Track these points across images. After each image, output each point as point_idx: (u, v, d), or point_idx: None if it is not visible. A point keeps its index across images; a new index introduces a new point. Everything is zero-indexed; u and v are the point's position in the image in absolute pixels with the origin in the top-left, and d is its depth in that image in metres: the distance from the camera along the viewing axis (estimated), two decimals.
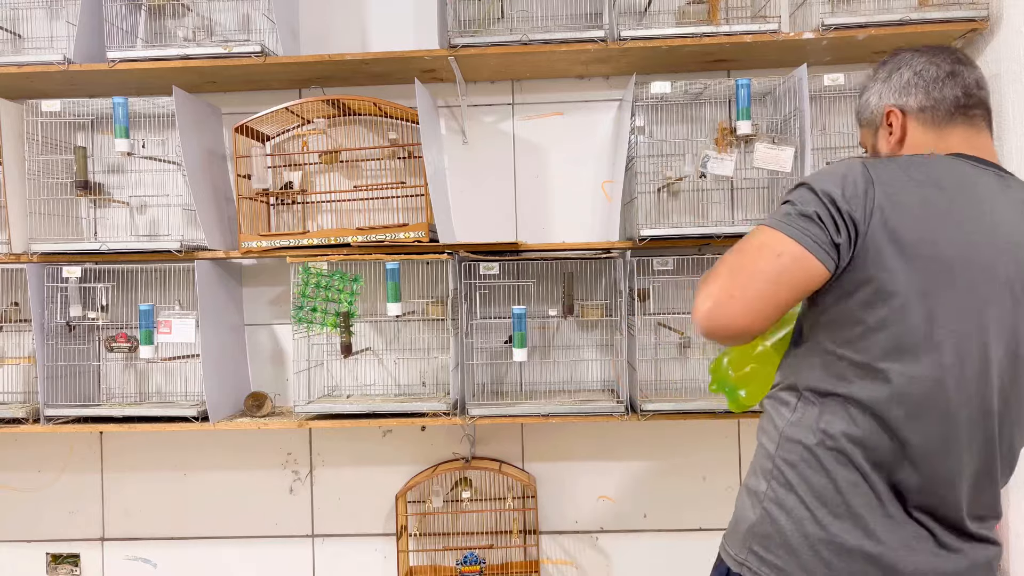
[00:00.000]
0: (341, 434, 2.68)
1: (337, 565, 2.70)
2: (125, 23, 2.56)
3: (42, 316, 2.43)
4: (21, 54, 2.59)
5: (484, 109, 2.67)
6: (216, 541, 2.72)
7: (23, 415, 2.42)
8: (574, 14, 2.50)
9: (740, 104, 2.31)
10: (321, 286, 2.40)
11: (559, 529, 2.66)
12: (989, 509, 1.23)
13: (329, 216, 2.65)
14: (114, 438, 2.73)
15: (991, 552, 1.23)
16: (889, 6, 2.39)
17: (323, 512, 2.70)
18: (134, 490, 2.73)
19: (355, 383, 2.65)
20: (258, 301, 2.71)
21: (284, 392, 2.69)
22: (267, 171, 2.59)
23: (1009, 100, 2.23)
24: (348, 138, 2.65)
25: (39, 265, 2.43)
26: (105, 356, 2.64)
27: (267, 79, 2.56)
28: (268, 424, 2.42)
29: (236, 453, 2.71)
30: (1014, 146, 2.21)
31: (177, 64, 2.39)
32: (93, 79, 2.49)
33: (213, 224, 2.47)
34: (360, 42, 2.68)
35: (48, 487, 2.74)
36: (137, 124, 2.62)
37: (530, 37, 2.34)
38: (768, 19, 2.35)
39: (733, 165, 2.33)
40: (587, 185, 2.63)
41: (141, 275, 2.57)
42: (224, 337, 2.54)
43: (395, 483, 2.66)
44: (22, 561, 2.75)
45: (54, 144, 2.58)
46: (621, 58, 2.43)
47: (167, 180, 2.66)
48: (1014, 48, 2.20)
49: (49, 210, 2.53)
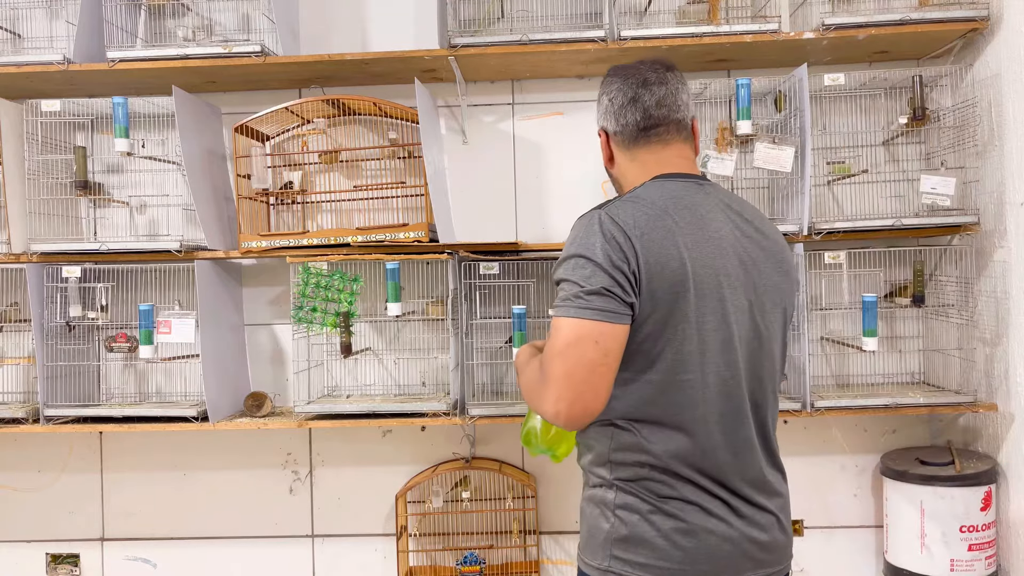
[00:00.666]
0: (341, 434, 2.68)
1: (337, 565, 2.70)
2: (125, 23, 2.55)
3: (42, 316, 2.43)
4: (21, 54, 2.59)
5: (484, 109, 2.67)
6: (216, 541, 2.72)
7: (23, 415, 2.42)
8: (574, 14, 2.49)
9: (740, 104, 2.31)
10: (321, 286, 2.39)
11: (559, 529, 2.66)
12: (772, 474, 1.42)
13: (329, 216, 2.65)
14: (114, 438, 2.73)
15: (784, 501, 1.44)
16: (889, 6, 2.39)
17: (323, 512, 2.70)
18: (134, 490, 2.72)
19: (355, 383, 2.64)
20: (258, 301, 2.71)
21: (284, 392, 2.69)
22: (267, 171, 2.59)
23: (1009, 100, 2.23)
24: (348, 138, 2.65)
25: (39, 265, 2.43)
26: (105, 356, 2.64)
27: (267, 79, 2.56)
28: (268, 424, 2.42)
29: (236, 453, 2.71)
30: (1014, 146, 2.21)
31: (177, 64, 2.38)
32: (93, 79, 2.49)
33: (213, 224, 2.47)
34: (360, 42, 2.68)
35: (48, 487, 2.74)
36: (137, 124, 2.61)
37: (530, 37, 2.33)
38: (768, 19, 2.35)
39: (733, 165, 2.33)
40: (587, 185, 2.62)
41: (141, 275, 2.57)
42: (224, 337, 2.54)
43: (395, 483, 2.66)
44: (22, 561, 2.75)
45: (54, 144, 2.57)
46: (621, 58, 2.42)
47: (167, 180, 2.66)
48: (1014, 48, 2.20)
49: (49, 210, 2.53)
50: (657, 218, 1.32)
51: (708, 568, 1.31)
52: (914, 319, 2.57)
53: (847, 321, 2.53)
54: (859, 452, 2.59)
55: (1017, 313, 2.21)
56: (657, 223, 1.31)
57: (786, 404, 2.30)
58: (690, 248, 1.31)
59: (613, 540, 1.34)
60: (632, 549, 1.32)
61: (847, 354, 2.56)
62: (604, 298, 1.25)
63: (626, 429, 1.33)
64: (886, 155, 2.56)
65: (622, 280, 1.26)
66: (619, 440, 1.34)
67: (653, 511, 1.32)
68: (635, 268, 1.27)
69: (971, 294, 2.36)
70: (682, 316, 1.29)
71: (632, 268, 1.27)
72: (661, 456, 1.31)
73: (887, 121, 2.50)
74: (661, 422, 1.32)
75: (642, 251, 1.27)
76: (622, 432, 1.34)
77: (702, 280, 1.31)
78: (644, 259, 1.27)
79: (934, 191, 2.27)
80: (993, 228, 2.31)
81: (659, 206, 1.34)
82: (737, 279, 1.34)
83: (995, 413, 2.31)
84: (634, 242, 1.28)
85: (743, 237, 1.38)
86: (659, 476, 1.32)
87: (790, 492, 1.48)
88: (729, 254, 1.35)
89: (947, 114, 2.41)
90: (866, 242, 2.44)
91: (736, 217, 1.40)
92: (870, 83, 2.44)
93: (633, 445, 1.33)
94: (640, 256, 1.27)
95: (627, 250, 1.27)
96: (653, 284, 1.27)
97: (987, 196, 2.33)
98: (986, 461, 2.31)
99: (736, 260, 1.35)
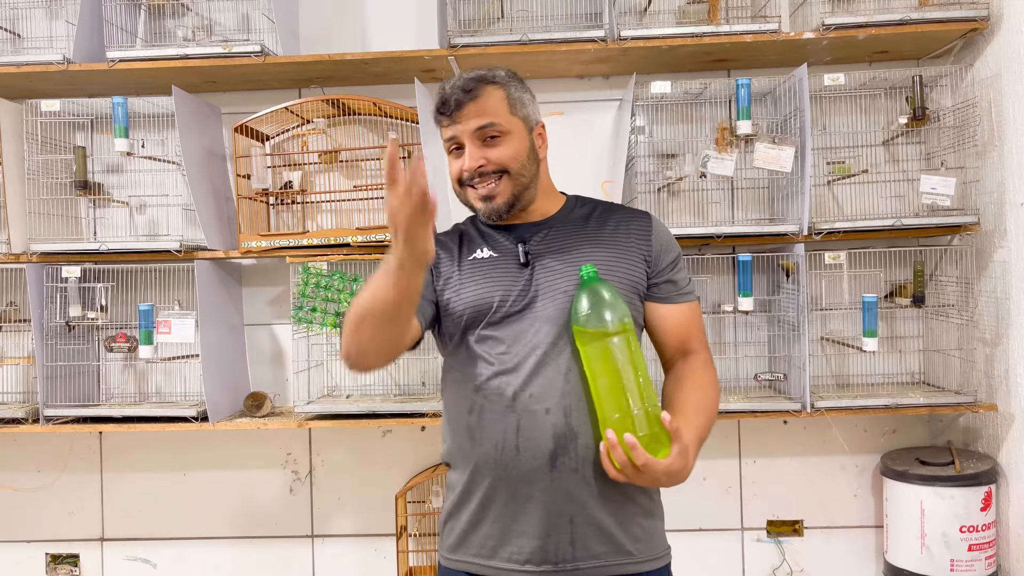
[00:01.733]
0: (341, 434, 2.68)
1: (337, 565, 2.69)
2: (125, 23, 2.55)
3: (41, 316, 2.43)
4: (21, 54, 2.59)
5: None
6: (216, 541, 2.71)
7: (23, 415, 2.42)
8: (574, 14, 2.49)
9: (740, 104, 2.31)
10: (321, 286, 2.39)
11: None
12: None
13: (329, 216, 2.65)
14: (114, 438, 2.73)
15: None
16: (889, 6, 2.39)
17: (323, 512, 2.70)
18: (134, 490, 2.72)
19: (355, 383, 2.64)
20: (258, 301, 2.70)
21: (284, 392, 2.69)
22: (267, 171, 2.58)
23: (1009, 100, 2.23)
24: (348, 138, 2.65)
25: (38, 265, 2.43)
26: (105, 356, 2.64)
27: (267, 79, 2.56)
28: (268, 424, 2.41)
29: (236, 453, 2.71)
30: (1014, 146, 2.21)
31: (177, 64, 2.38)
32: (93, 79, 2.49)
33: (213, 224, 2.47)
34: (360, 42, 2.68)
35: (48, 487, 2.74)
36: (137, 124, 2.61)
37: (530, 37, 2.33)
38: (768, 19, 2.35)
39: (733, 165, 2.33)
40: (587, 185, 2.62)
41: (141, 275, 2.57)
42: (224, 337, 2.54)
43: (395, 483, 2.66)
44: (22, 561, 2.75)
45: (54, 144, 2.57)
46: (621, 58, 2.42)
47: (167, 180, 2.66)
48: (1014, 48, 2.20)
49: (49, 210, 2.52)
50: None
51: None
52: (914, 319, 2.57)
53: (847, 321, 2.53)
54: (859, 452, 2.59)
55: (1017, 313, 2.21)
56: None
57: (786, 404, 2.29)
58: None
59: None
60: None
61: (847, 354, 2.56)
62: None
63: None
64: (886, 155, 2.56)
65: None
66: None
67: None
68: None
69: (971, 294, 2.36)
70: None
71: None
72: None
73: (887, 121, 2.50)
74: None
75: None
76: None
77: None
78: None
79: (934, 191, 2.27)
80: (993, 228, 2.31)
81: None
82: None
83: (995, 413, 2.31)
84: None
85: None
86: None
87: (791, 492, 1.49)
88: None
89: (947, 114, 2.41)
90: (866, 242, 2.44)
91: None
92: (870, 83, 2.43)
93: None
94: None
95: None
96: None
97: (987, 196, 2.33)
98: (986, 461, 2.31)
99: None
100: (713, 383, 1.42)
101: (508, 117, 1.41)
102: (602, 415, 1.27)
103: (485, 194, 1.41)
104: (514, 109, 1.43)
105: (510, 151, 1.40)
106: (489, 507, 1.36)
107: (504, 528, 1.34)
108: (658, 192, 2.56)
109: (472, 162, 1.39)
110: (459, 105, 1.39)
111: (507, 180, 1.41)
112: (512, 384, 1.33)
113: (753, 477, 2.60)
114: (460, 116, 1.39)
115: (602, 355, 1.27)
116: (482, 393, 1.35)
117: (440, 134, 1.45)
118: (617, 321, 1.28)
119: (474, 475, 1.37)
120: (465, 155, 1.40)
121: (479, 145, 1.40)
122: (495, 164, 1.40)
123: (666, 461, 1.22)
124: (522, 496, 1.33)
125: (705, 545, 2.61)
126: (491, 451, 1.33)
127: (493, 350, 1.36)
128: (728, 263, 2.55)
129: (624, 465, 1.22)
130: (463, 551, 1.39)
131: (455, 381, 1.43)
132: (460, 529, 1.40)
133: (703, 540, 2.61)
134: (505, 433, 1.32)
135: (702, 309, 1.55)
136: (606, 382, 1.26)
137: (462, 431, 1.39)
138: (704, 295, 2.52)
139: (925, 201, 2.30)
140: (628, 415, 1.24)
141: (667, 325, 1.43)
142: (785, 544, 2.60)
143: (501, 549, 1.34)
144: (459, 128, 1.40)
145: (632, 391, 1.24)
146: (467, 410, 1.37)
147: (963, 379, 2.35)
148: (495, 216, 1.43)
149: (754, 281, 2.35)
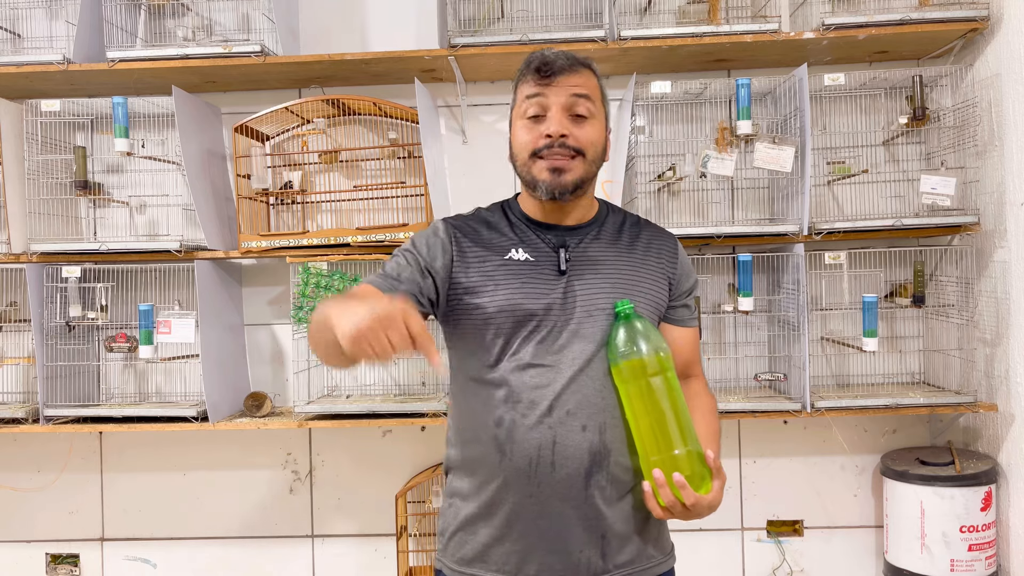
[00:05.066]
0: (341, 434, 2.68)
1: (337, 565, 2.70)
2: (125, 23, 2.55)
3: (42, 316, 2.43)
4: (21, 54, 2.59)
5: (484, 109, 2.66)
6: (216, 541, 2.71)
7: (23, 415, 2.42)
8: (574, 14, 2.49)
9: (740, 104, 2.31)
10: (321, 286, 2.39)
11: None
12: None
13: (329, 216, 2.65)
14: (114, 438, 2.73)
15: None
16: (889, 6, 2.39)
17: (323, 512, 2.70)
18: (134, 490, 2.72)
19: (355, 383, 2.64)
20: (258, 301, 2.70)
21: (284, 392, 2.69)
22: (267, 171, 2.58)
23: (1009, 100, 2.23)
24: (348, 138, 2.65)
25: (38, 265, 2.43)
26: (105, 356, 2.64)
27: (267, 79, 2.56)
28: (268, 424, 2.41)
29: (236, 453, 2.71)
30: (1014, 146, 2.21)
31: (177, 64, 2.38)
32: (93, 79, 2.49)
33: (213, 224, 2.47)
34: (360, 42, 2.68)
35: (48, 487, 2.74)
36: (137, 124, 2.61)
37: (530, 37, 2.33)
38: (768, 19, 2.35)
39: (733, 165, 2.33)
40: None
41: (141, 275, 2.57)
42: (224, 337, 2.54)
43: (395, 483, 2.66)
44: (22, 561, 2.75)
45: (54, 144, 2.57)
46: (621, 58, 2.43)
47: (167, 180, 2.66)
48: (1014, 48, 2.20)
49: (49, 210, 2.52)
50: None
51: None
52: (914, 319, 2.57)
53: (847, 321, 2.53)
54: (859, 452, 2.59)
55: (1017, 313, 2.21)
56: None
57: (786, 404, 2.29)
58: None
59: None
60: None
61: (847, 354, 2.56)
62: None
63: None
64: (886, 155, 2.56)
65: None
66: None
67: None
68: None
69: (971, 294, 2.36)
70: None
71: None
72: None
73: (887, 121, 2.50)
74: None
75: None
76: None
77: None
78: None
79: (934, 191, 2.27)
80: (993, 228, 2.31)
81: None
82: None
83: (995, 413, 2.31)
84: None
85: None
86: None
87: (791, 492, 1.48)
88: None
89: (947, 114, 2.41)
90: (866, 242, 2.44)
91: None
92: (870, 83, 2.43)
93: None
94: None
95: None
96: None
97: (987, 196, 2.33)
98: (986, 461, 2.31)
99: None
100: (716, 409, 1.46)
101: (599, 104, 1.39)
102: (643, 453, 1.27)
103: (559, 166, 1.33)
104: (603, 100, 1.41)
105: (594, 134, 1.36)
106: (515, 522, 1.31)
107: (531, 544, 1.30)
108: (658, 192, 2.56)
109: (559, 127, 1.33)
110: (562, 70, 1.34)
111: (581, 162, 1.35)
112: (547, 398, 1.29)
113: (753, 477, 2.60)
114: (560, 80, 1.34)
115: (642, 395, 1.26)
116: (513, 405, 1.30)
117: (518, 95, 1.40)
118: (657, 360, 1.26)
119: (501, 489, 1.31)
120: (551, 119, 1.33)
121: (567, 117, 1.35)
122: (576, 141, 1.34)
123: (709, 496, 1.24)
124: (554, 512, 1.29)
125: (705, 545, 2.61)
126: (523, 466, 1.29)
127: (528, 361, 1.31)
128: (728, 263, 2.55)
129: (672, 504, 1.23)
130: (481, 566, 1.34)
131: (477, 388, 1.36)
132: (479, 543, 1.34)
133: (703, 540, 2.61)
134: (540, 449, 1.28)
135: (702, 309, 1.56)
136: (648, 422, 1.26)
137: (488, 442, 1.32)
138: (704, 295, 2.52)
139: (925, 201, 2.30)
140: (672, 455, 1.24)
141: (675, 347, 1.41)
142: (785, 544, 2.60)
143: (526, 565, 1.31)
144: (555, 91, 1.34)
145: (674, 432, 1.25)
146: (494, 421, 1.31)
147: (963, 379, 2.35)
148: (558, 192, 1.34)
149: (754, 281, 2.35)
